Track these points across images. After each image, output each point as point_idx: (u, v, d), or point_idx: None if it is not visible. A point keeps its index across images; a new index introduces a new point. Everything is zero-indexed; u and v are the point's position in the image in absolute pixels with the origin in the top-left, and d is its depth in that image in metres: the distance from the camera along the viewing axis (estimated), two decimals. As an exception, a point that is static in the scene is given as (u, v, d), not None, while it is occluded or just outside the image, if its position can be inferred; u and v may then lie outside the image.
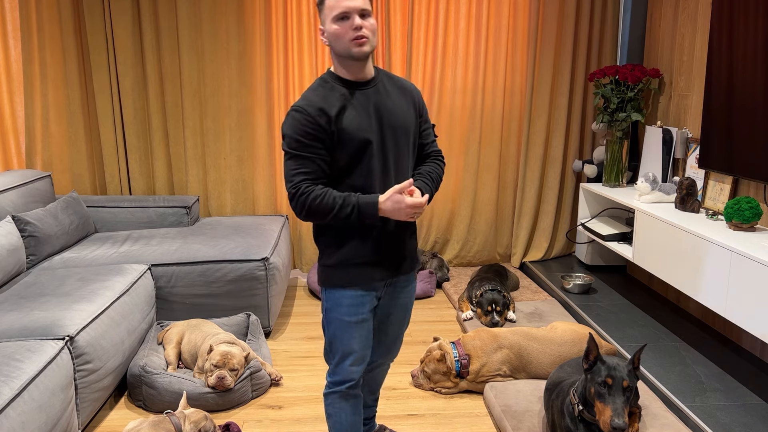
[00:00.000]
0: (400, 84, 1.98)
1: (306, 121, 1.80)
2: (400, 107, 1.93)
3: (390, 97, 1.92)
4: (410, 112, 1.96)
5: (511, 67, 4.35)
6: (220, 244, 3.42)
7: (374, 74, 1.92)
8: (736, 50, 3.04)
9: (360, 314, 1.94)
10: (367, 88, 1.89)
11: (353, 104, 1.85)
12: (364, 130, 1.85)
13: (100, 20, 4.00)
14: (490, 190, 4.48)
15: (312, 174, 1.82)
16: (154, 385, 2.66)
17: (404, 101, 1.95)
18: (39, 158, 4.13)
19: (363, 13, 1.81)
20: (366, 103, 1.87)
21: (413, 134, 1.97)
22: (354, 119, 1.84)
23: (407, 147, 1.94)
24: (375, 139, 1.86)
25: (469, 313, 3.55)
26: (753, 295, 2.43)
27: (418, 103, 2.00)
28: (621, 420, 1.96)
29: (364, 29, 1.80)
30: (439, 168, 2.04)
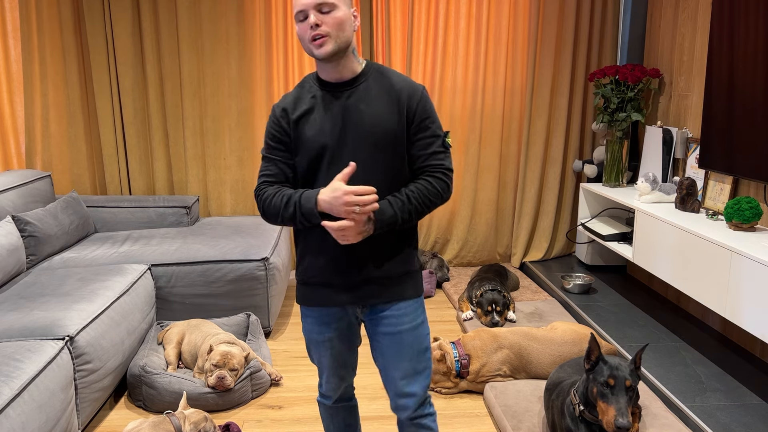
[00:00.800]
0: (390, 84, 1.70)
1: (272, 122, 1.73)
2: (376, 112, 1.67)
3: (367, 100, 1.68)
4: (389, 118, 1.67)
5: (511, 67, 4.35)
6: (220, 244, 3.42)
7: (359, 73, 1.71)
8: (736, 50, 3.04)
9: (324, 333, 1.80)
10: (342, 89, 1.70)
11: (320, 107, 1.69)
12: (323, 135, 1.67)
13: (100, 20, 4.00)
14: (490, 190, 4.48)
15: (272, 177, 1.73)
16: (154, 385, 2.66)
17: (385, 105, 1.68)
18: (39, 158, 4.13)
19: (320, 8, 1.60)
20: (334, 107, 1.68)
21: (392, 142, 1.67)
22: (315, 123, 1.68)
23: (378, 157, 1.67)
24: (333, 145, 1.67)
25: (469, 313, 3.55)
26: (753, 295, 2.43)
27: (407, 106, 1.69)
28: (625, 419, 1.96)
29: (324, 26, 1.59)
30: (431, 185, 1.68)
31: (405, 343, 1.77)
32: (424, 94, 1.72)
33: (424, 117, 1.71)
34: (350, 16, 1.65)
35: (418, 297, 1.80)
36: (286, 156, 1.73)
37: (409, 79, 1.74)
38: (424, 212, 1.69)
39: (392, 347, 1.77)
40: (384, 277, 1.74)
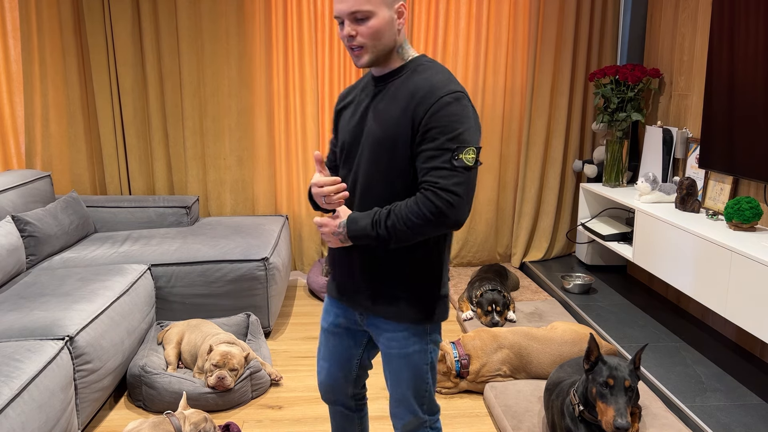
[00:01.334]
0: (414, 85, 1.53)
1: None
2: (389, 114, 1.54)
3: (386, 100, 1.57)
4: (399, 122, 1.52)
5: (511, 67, 4.35)
6: (220, 244, 3.42)
7: (396, 69, 1.59)
8: (736, 50, 3.03)
9: (326, 321, 1.78)
10: (378, 85, 1.61)
11: (356, 101, 1.66)
12: (346, 130, 1.65)
13: (100, 20, 4.00)
14: (490, 190, 4.48)
15: (328, 161, 1.79)
16: (154, 385, 2.66)
17: (399, 108, 1.53)
18: (39, 158, 4.13)
19: (355, 16, 1.50)
20: (363, 102, 1.63)
21: (393, 149, 1.53)
22: (347, 117, 1.66)
23: (385, 162, 1.54)
24: (349, 142, 1.63)
25: (469, 313, 3.55)
26: (753, 295, 2.43)
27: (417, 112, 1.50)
28: (624, 420, 1.96)
29: (359, 37, 1.51)
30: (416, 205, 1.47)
31: (393, 367, 1.67)
32: (446, 101, 1.48)
33: (432, 126, 1.48)
34: (391, 18, 1.52)
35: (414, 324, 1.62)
36: (335, 143, 1.76)
37: (439, 81, 1.51)
38: (406, 234, 1.48)
39: (387, 366, 1.70)
40: (373, 292, 1.63)
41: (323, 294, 3.97)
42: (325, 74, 4.28)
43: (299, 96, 4.25)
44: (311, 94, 4.21)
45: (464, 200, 1.46)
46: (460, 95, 1.49)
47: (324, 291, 3.96)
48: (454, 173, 1.46)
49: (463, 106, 1.49)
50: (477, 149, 1.48)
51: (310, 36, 4.14)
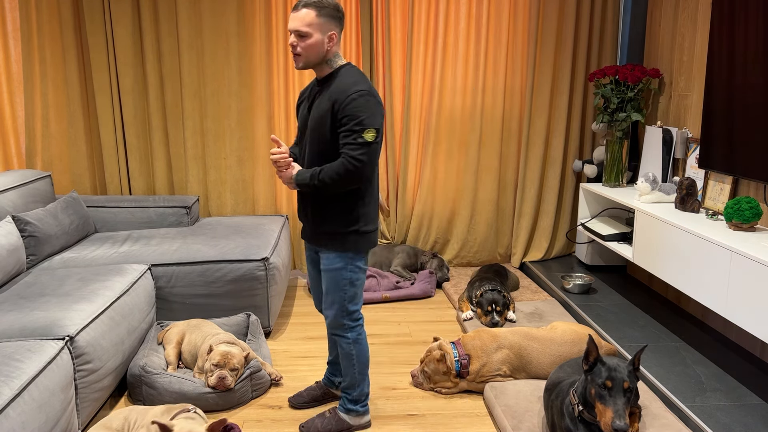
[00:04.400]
0: (335, 86, 2.26)
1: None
2: (320, 107, 2.27)
3: (319, 97, 2.30)
4: (324, 115, 2.25)
5: (511, 67, 4.35)
6: (220, 244, 3.42)
7: (327, 75, 2.31)
8: (736, 50, 3.04)
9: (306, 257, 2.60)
10: (318, 86, 2.34)
11: (308, 97, 2.39)
12: (301, 118, 2.41)
13: (100, 20, 4.00)
14: (490, 190, 4.48)
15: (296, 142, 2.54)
16: (154, 385, 2.66)
17: (325, 104, 2.26)
18: (39, 158, 4.13)
19: (299, 33, 2.21)
20: (309, 99, 2.37)
21: (320, 134, 2.27)
22: (302, 109, 2.41)
23: (316, 140, 2.30)
24: (302, 127, 2.40)
25: (469, 313, 3.55)
26: (753, 295, 2.43)
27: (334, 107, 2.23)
28: (622, 421, 1.96)
29: (298, 48, 2.23)
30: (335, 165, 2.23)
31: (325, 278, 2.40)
32: (353, 96, 2.20)
33: (344, 115, 2.21)
34: (322, 40, 2.23)
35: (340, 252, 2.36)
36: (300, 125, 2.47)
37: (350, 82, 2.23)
38: (331, 184, 2.23)
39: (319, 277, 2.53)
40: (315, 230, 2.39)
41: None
42: (325, 74, 4.28)
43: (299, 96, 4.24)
44: (311, 94, 4.21)
45: (366, 164, 2.22)
46: (363, 92, 2.21)
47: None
48: (359, 147, 2.21)
49: (365, 99, 2.20)
50: (376, 129, 2.22)
51: (310, 36, 4.14)
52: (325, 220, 2.35)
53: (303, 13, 2.20)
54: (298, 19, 2.20)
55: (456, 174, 4.49)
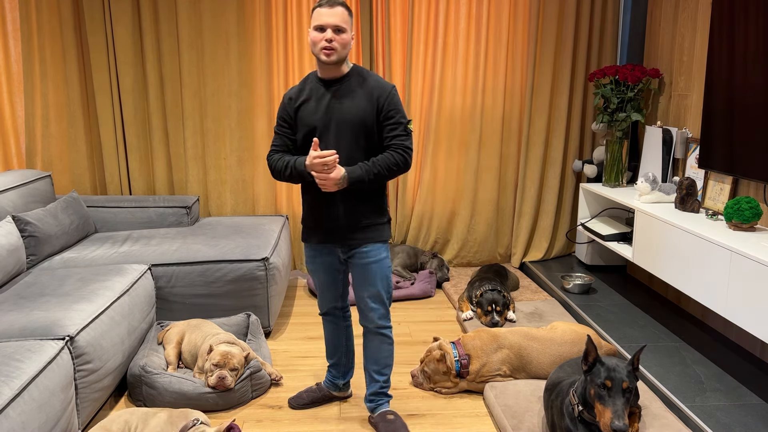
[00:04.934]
0: (367, 85, 2.33)
1: (282, 107, 2.42)
2: (355, 105, 2.31)
3: (348, 95, 2.32)
4: (366, 110, 2.31)
5: (511, 67, 4.35)
6: (220, 244, 3.42)
7: (345, 74, 2.34)
8: (736, 50, 3.04)
9: (313, 264, 2.53)
10: (331, 86, 2.34)
11: (314, 97, 2.35)
12: (314, 118, 2.34)
13: (100, 20, 4.00)
14: (490, 190, 4.48)
15: (279, 147, 2.44)
16: (154, 385, 2.66)
17: (362, 100, 2.31)
18: (39, 158, 4.13)
19: (337, 29, 2.26)
20: (323, 99, 2.34)
21: (364, 129, 2.31)
22: (309, 109, 2.35)
23: (352, 138, 2.31)
24: (320, 126, 2.33)
25: (469, 313, 3.55)
26: (753, 295, 2.43)
27: (378, 103, 2.31)
28: (621, 422, 1.96)
29: (335, 43, 2.26)
30: (390, 156, 2.31)
31: (369, 275, 2.42)
32: (393, 92, 2.34)
33: (391, 109, 2.32)
34: (351, 39, 2.32)
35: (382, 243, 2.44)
36: (289, 132, 2.42)
37: (382, 80, 2.36)
38: (386, 176, 2.31)
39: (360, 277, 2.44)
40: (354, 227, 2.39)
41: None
42: (325, 74, 4.28)
43: (299, 96, 4.25)
44: (311, 94, 4.21)
45: (412, 152, 2.36)
46: (395, 88, 2.37)
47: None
48: (407, 137, 2.34)
49: (397, 95, 2.38)
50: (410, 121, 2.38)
51: (310, 36, 4.14)
52: (363, 214, 2.38)
53: (339, 10, 2.28)
54: (336, 15, 2.26)
55: (456, 174, 4.49)
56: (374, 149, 2.36)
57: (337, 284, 2.58)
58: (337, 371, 2.74)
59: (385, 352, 2.53)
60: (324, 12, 2.27)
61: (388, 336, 2.53)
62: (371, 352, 2.55)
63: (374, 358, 2.55)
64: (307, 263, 2.57)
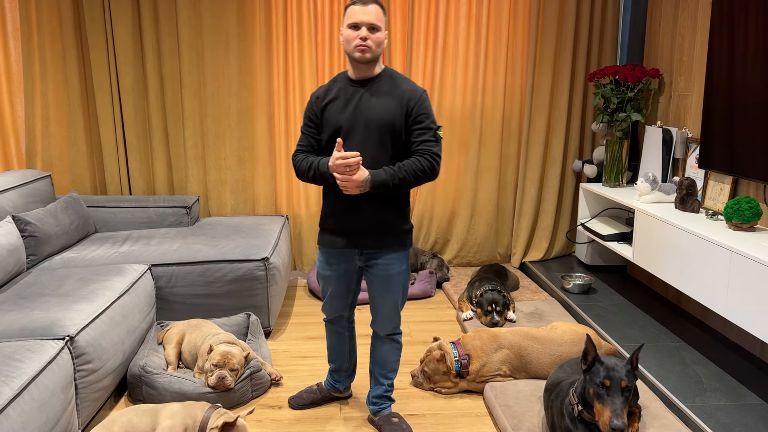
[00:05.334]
0: (398, 87, 2.28)
1: (309, 106, 2.37)
2: (384, 106, 2.25)
3: (378, 96, 2.26)
4: (394, 113, 2.25)
5: (511, 67, 4.35)
6: (220, 244, 3.42)
7: (377, 74, 2.29)
8: (736, 50, 3.04)
9: (328, 270, 2.44)
10: (362, 86, 2.29)
11: (342, 97, 2.30)
12: (341, 118, 2.28)
13: (100, 20, 4.00)
14: (490, 190, 4.48)
15: (304, 147, 2.39)
16: (154, 385, 2.66)
17: (392, 102, 2.25)
18: (39, 158, 4.13)
19: (372, 27, 2.21)
20: (352, 99, 2.28)
21: (391, 131, 2.25)
22: (336, 108, 2.30)
23: (378, 140, 2.25)
24: (347, 126, 2.27)
25: (469, 313, 3.55)
26: (753, 295, 2.43)
27: (408, 106, 2.25)
28: (620, 421, 1.96)
29: (369, 41, 2.20)
30: (417, 162, 2.24)
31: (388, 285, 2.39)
32: (424, 96, 2.28)
33: (421, 113, 2.26)
34: (385, 37, 2.27)
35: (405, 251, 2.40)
36: (315, 132, 2.37)
37: (414, 83, 2.30)
38: (411, 182, 2.24)
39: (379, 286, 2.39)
40: (380, 232, 2.32)
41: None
42: (325, 74, 4.28)
43: (299, 96, 4.25)
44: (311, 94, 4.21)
45: (440, 159, 2.29)
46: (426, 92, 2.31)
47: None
48: (436, 143, 2.27)
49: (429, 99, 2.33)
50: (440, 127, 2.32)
51: (310, 36, 4.14)
52: (387, 220, 2.32)
53: (374, 8, 2.22)
54: (371, 13, 2.21)
55: (456, 174, 4.49)
56: (400, 154, 2.29)
57: (349, 293, 2.51)
58: (339, 376, 2.72)
59: (393, 357, 2.53)
60: (358, 10, 2.22)
61: (398, 341, 2.52)
62: (380, 356, 2.53)
63: (382, 362, 2.53)
64: (320, 268, 2.48)
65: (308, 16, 4.12)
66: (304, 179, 2.33)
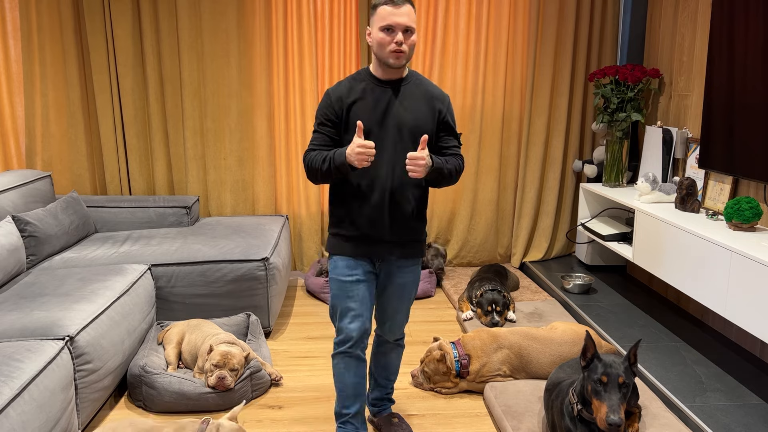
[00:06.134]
0: (427, 90, 2.21)
1: (327, 105, 2.17)
2: (416, 110, 2.17)
3: (408, 99, 2.17)
4: (426, 117, 2.18)
5: (511, 67, 4.35)
6: (220, 244, 3.43)
7: (404, 77, 2.18)
8: (736, 50, 3.04)
9: (354, 275, 2.22)
10: (390, 87, 2.16)
11: (370, 98, 2.14)
12: (370, 120, 2.13)
13: (100, 20, 4.00)
14: (490, 190, 4.48)
15: (318, 145, 2.19)
16: (154, 385, 2.66)
17: (423, 106, 2.18)
18: (39, 158, 4.13)
19: (407, 30, 2.07)
20: (381, 100, 2.15)
21: (428, 134, 2.17)
22: (364, 110, 2.14)
23: (410, 142, 2.16)
24: (377, 130, 2.14)
25: (469, 313, 3.55)
26: (753, 295, 2.43)
27: (440, 110, 2.21)
28: (617, 416, 1.96)
29: (404, 45, 2.07)
30: (456, 160, 2.22)
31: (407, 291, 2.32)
32: (450, 101, 2.26)
33: (450, 119, 2.24)
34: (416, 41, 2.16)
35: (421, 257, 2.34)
36: (333, 132, 2.18)
37: (439, 88, 2.26)
38: (452, 177, 2.19)
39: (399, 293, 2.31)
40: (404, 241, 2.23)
41: (322, 295, 3.98)
42: (325, 74, 4.28)
43: (299, 96, 4.25)
44: (311, 94, 4.22)
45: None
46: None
47: (323, 292, 3.96)
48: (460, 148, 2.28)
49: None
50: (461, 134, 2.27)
51: (310, 36, 4.14)
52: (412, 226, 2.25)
53: (408, 9, 2.08)
54: (405, 15, 2.06)
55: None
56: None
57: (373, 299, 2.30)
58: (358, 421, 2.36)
59: (398, 361, 2.51)
60: (392, 11, 2.05)
61: (402, 345, 2.50)
62: (385, 362, 2.48)
63: (387, 366, 2.49)
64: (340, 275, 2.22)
65: (308, 16, 4.12)
66: (316, 176, 2.15)
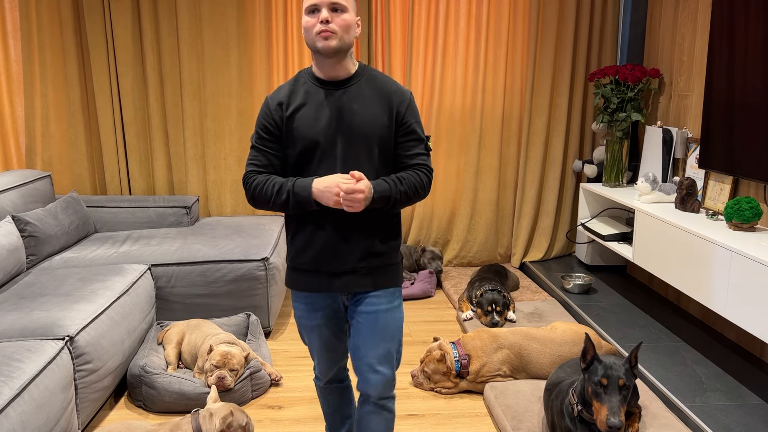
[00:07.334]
0: (381, 87, 1.83)
1: (265, 114, 1.84)
2: (368, 112, 1.79)
3: (359, 100, 1.80)
4: (379, 119, 1.80)
5: (511, 67, 4.35)
6: (220, 244, 3.43)
7: (353, 74, 1.83)
8: (737, 50, 3.04)
9: (313, 319, 1.91)
10: (336, 88, 1.81)
11: (314, 103, 1.80)
12: (315, 130, 1.78)
13: (100, 20, 4.00)
14: (490, 190, 4.48)
15: (261, 166, 1.83)
16: (154, 385, 2.66)
17: (376, 107, 1.80)
18: (39, 158, 4.13)
19: (334, 8, 1.73)
20: (328, 104, 1.79)
21: (379, 142, 1.80)
22: (308, 118, 1.79)
23: (366, 154, 1.79)
24: (324, 141, 1.78)
25: (469, 313, 3.55)
26: (753, 295, 2.43)
27: (397, 110, 1.82)
28: (617, 419, 1.96)
29: (332, 24, 1.72)
30: (416, 176, 1.82)
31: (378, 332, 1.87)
32: (412, 99, 1.86)
33: (411, 121, 1.84)
34: (355, 21, 1.79)
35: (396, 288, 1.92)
36: (276, 147, 1.84)
37: (398, 83, 1.88)
38: (410, 198, 1.81)
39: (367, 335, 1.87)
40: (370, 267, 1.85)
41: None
42: (325, 74, 4.28)
43: (299, 96, 4.24)
44: (311, 94, 4.21)
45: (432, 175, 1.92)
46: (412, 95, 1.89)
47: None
48: (428, 156, 1.88)
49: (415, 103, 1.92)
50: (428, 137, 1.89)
51: (310, 36, 4.14)
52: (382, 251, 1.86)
53: None
54: None
55: (456, 174, 4.49)
56: (387, 169, 1.84)
57: (344, 338, 1.98)
58: None
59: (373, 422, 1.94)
60: None
61: (390, 410, 1.93)
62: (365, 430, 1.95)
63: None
64: (300, 319, 1.94)
65: (308, 16, 4.11)
66: (265, 207, 1.81)
